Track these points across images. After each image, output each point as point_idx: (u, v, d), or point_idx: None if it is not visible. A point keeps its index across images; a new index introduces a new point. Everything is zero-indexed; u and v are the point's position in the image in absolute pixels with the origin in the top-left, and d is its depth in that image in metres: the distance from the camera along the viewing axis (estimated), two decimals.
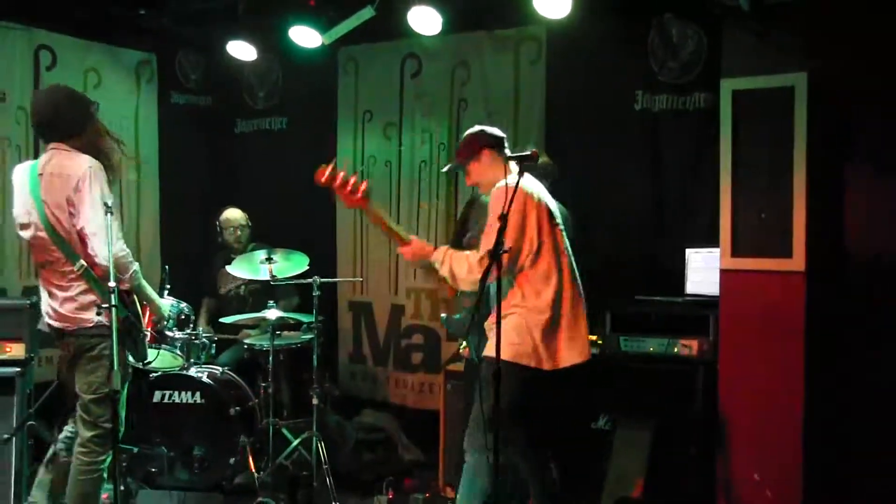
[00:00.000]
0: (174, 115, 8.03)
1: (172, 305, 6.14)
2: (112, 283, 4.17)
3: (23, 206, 4.54)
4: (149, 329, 5.09)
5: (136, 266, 4.59)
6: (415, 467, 6.55)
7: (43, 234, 4.48)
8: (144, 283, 4.70)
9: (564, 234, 4.63)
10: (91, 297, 4.50)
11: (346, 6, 6.28)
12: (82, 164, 4.46)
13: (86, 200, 4.43)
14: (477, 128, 4.79)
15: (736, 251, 5.24)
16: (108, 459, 4.61)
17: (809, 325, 5.03)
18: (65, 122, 4.55)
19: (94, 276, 4.47)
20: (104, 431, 4.54)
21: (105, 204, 4.43)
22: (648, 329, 5.51)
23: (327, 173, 4.49)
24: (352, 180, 4.54)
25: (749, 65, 5.17)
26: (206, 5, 6.96)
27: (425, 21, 6.20)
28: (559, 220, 4.63)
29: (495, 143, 4.69)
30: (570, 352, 4.51)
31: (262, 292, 6.56)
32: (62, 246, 4.46)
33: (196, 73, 8.18)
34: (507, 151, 4.65)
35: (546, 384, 4.47)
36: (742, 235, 5.21)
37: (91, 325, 4.51)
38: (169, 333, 6.07)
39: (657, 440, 5.26)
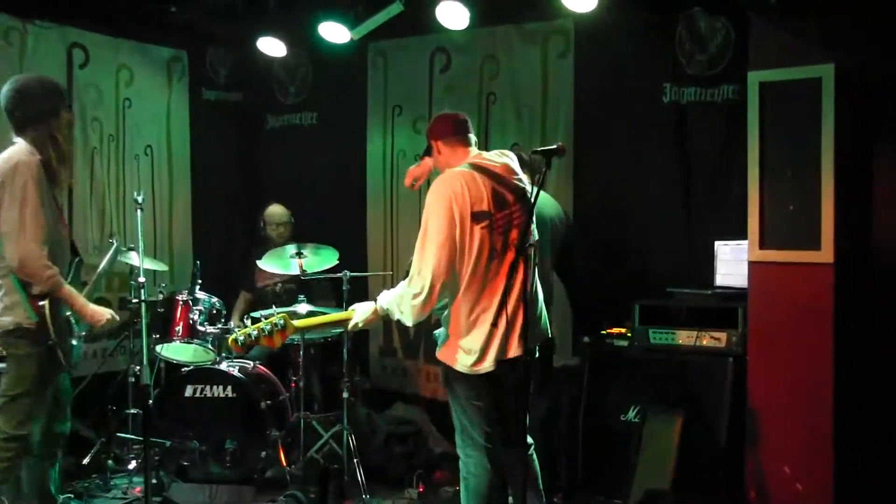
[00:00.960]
0: (205, 112, 8.09)
1: (204, 300, 6.22)
2: (142, 279, 4.22)
3: None
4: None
5: (50, 272, 4.36)
6: (445, 460, 6.55)
7: None
8: (69, 288, 4.48)
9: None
10: (15, 298, 4.37)
11: (375, 2, 6.31)
12: (10, 160, 4.34)
13: (5, 198, 4.29)
14: (434, 118, 4.64)
15: (764, 243, 5.20)
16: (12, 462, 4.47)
17: (838, 317, 4.99)
18: (26, 109, 4.43)
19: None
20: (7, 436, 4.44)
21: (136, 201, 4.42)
22: (677, 321, 5.50)
23: (240, 344, 4.18)
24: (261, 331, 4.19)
25: (776, 56, 5.13)
26: (235, 1, 7.02)
27: (453, 15, 6.22)
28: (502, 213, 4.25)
29: (443, 134, 4.44)
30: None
31: (298, 291, 6.58)
32: None
33: (226, 70, 8.24)
34: (471, 136, 4.43)
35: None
36: (770, 228, 5.17)
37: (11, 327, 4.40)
38: (201, 328, 6.15)
39: (686, 432, 5.24)
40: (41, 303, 4.31)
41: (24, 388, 4.40)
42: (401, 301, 4.15)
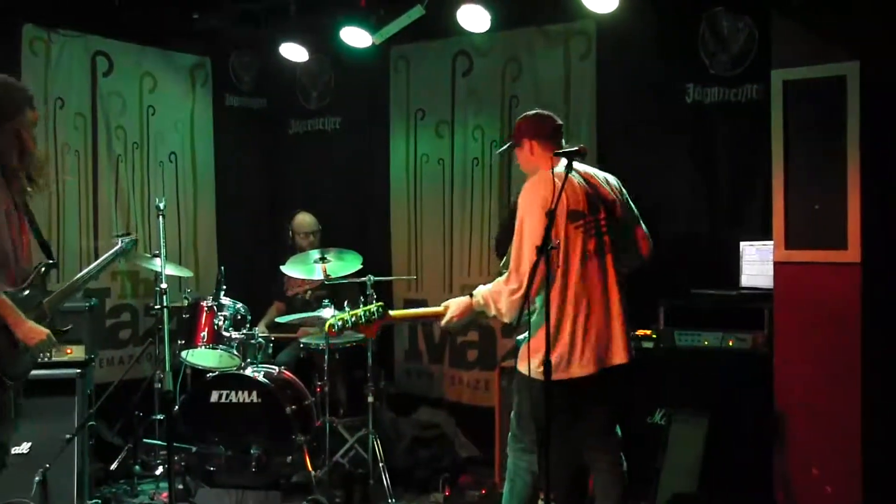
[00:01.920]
0: (228, 118, 8.13)
1: (228, 306, 6.23)
2: (164, 285, 4.23)
3: None
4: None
5: None
6: (470, 464, 6.56)
7: None
8: (4, 300, 3.95)
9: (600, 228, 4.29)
10: None
11: (396, 6, 6.31)
12: None
13: None
14: (530, 113, 4.59)
15: (790, 243, 5.17)
16: None
17: (866, 317, 4.94)
18: None
19: None
20: None
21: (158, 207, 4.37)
22: (703, 323, 5.47)
23: (335, 329, 4.25)
24: (359, 318, 4.25)
25: (800, 55, 5.10)
26: (257, 6, 7.05)
27: (475, 18, 6.22)
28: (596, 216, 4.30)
29: (539, 134, 4.44)
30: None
31: (327, 297, 6.54)
32: None
33: (249, 76, 8.27)
34: (562, 141, 4.45)
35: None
36: (796, 227, 5.13)
37: None
38: (225, 334, 6.16)
39: (713, 434, 5.21)
40: None
41: None
42: (498, 297, 4.16)
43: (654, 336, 5.61)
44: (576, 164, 4.27)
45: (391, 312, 4.29)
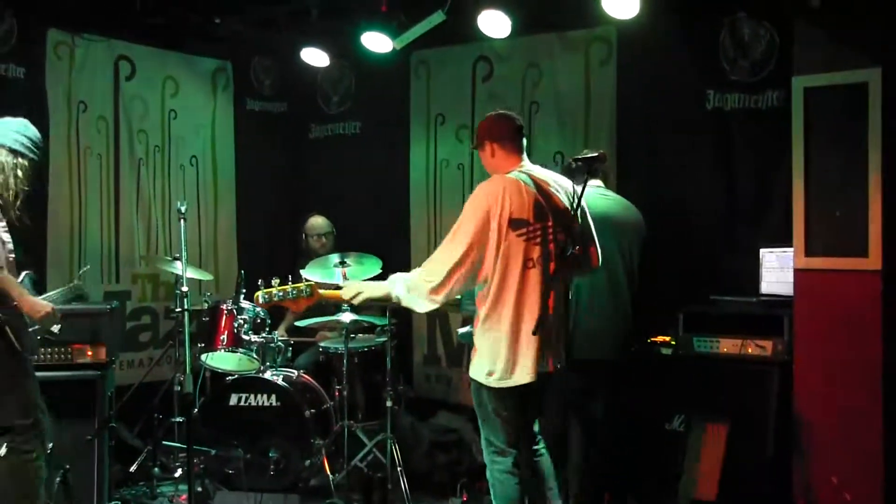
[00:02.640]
0: (249, 122, 8.17)
1: (248, 309, 6.25)
2: (185, 288, 4.26)
3: None
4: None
5: None
6: None
7: None
8: (7, 276, 4.40)
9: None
10: None
11: (417, 11, 6.33)
12: None
13: None
14: (491, 114, 4.62)
15: (810, 251, 5.14)
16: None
17: (887, 325, 4.92)
18: None
19: None
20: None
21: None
22: (722, 329, 5.44)
23: (261, 301, 4.46)
24: (287, 293, 4.49)
25: (821, 61, 5.08)
26: (279, 11, 7.09)
27: (495, 24, 6.22)
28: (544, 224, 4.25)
29: (498, 136, 4.44)
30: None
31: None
32: None
33: (270, 80, 8.31)
34: (523, 142, 4.48)
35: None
36: (816, 235, 5.11)
37: None
38: (245, 337, 6.18)
39: (732, 442, 5.19)
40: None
41: (35, 415, 4.45)
42: (415, 286, 4.23)
43: (673, 342, 5.59)
44: (535, 170, 4.37)
45: (321, 292, 4.46)
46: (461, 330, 4.55)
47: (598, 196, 5.18)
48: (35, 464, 4.50)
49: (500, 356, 4.16)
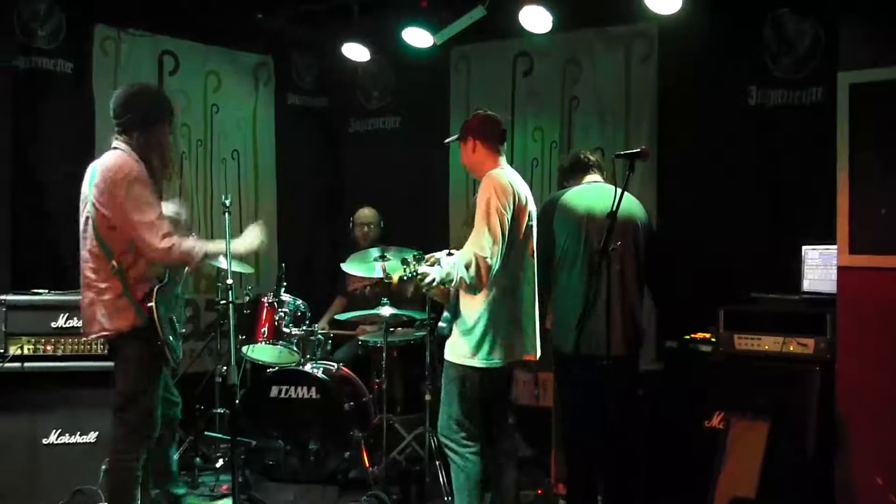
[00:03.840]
0: (290, 116, 8.22)
1: (288, 302, 6.30)
2: (230, 281, 4.30)
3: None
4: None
5: (184, 248, 4.45)
6: (526, 463, 6.55)
7: None
8: (204, 245, 4.59)
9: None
10: (124, 302, 4.48)
11: (458, 6, 6.34)
12: (117, 166, 4.45)
13: (123, 204, 4.42)
14: (481, 112, 4.82)
15: (854, 248, 5.08)
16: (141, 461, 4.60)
17: None
18: (136, 113, 4.57)
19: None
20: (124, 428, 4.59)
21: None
22: (763, 327, 5.39)
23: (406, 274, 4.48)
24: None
25: (867, 57, 5.01)
26: (320, 7, 7.13)
27: (536, 19, 6.23)
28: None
29: (484, 135, 4.68)
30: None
31: (385, 296, 6.58)
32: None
33: (311, 75, 8.35)
34: (503, 146, 4.72)
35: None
36: (860, 232, 5.04)
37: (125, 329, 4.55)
38: (285, 330, 6.23)
39: (772, 440, 5.16)
40: (149, 304, 4.43)
41: (141, 387, 4.53)
42: (470, 265, 4.32)
43: (714, 340, 5.56)
44: (508, 170, 4.62)
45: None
46: (441, 323, 4.63)
47: (588, 190, 5.16)
48: (129, 464, 4.57)
49: (497, 338, 4.44)
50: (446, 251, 4.63)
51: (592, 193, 5.03)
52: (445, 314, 4.65)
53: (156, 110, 4.64)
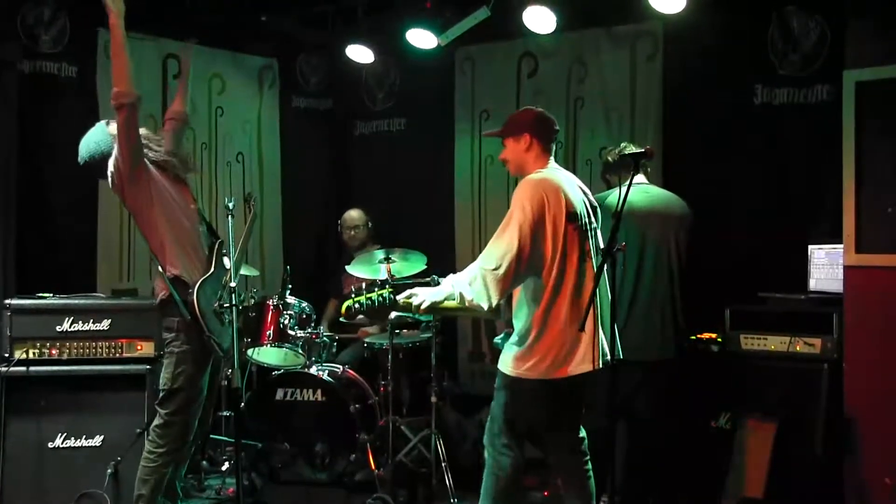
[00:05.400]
0: (295, 119, 8.21)
1: (294, 305, 6.29)
2: (233, 284, 4.30)
3: None
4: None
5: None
6: (533, 465, 6.51)
7: None
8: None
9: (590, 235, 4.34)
10: (168, 297, 4.68)
11: (462, 7, 6.33)
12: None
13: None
14: (537, 109, 4.61)
15: (860, 247, 5.07)
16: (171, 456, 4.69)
17: None
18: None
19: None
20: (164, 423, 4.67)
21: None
22: (770, 327, 5.39)
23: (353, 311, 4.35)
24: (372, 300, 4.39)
25: (874, 55, 5.00)
26: (325, 9, 7.12)
27: (540, 20, 6.21)
28: (585, 220, 4.33)
29: (542, 134, 4.45)
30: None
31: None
32: None
33: (316, 77, 8.34)
34: (553, 146, 4.49)
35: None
36: (867, 231, 5.03)
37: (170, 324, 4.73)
38: (291, 332, 6.23)
39: (780, 440, 5.14)
40: (190, 298, 4.53)
41: (179, 384, 4.60)
42: (474, 280, 4.10)
43: (720, 340, 5.55)
44: (565, 172, 4.42)
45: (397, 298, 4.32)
46: (497, 338, 4.51)
47: (639, 192, 5.14)
48: (157, 457, 4.65)
49: (552, 349, 4.15)
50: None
51: (653, 194, 5.09)
52: (504, 332, 4.45)
53: (99, 151, 4.78)
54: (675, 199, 5.38)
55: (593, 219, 4.38)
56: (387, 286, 4.32)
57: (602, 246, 4.28)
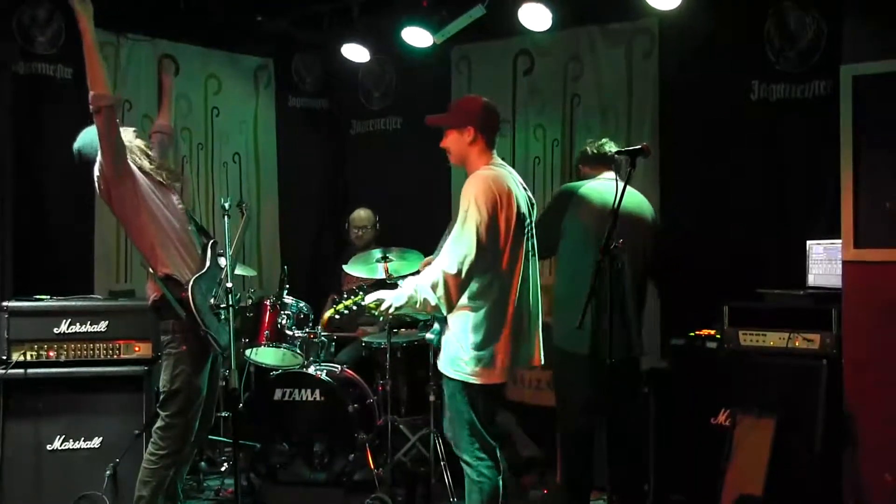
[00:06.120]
0: (291, 118, 8.22)
1: (291, 305, 6.29)
2: (230, 284, 4.30)
3: None
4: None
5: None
6: (532, 464, 6.53)
7: None
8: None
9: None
10: (163, 299, 4.63)
11: (458, 6, 6.32)
12: None
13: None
14: (483, 98, 4.51)
15: (859, 242, 5.05)
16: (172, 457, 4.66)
17: None
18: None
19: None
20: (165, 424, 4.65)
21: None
22: (768, 323, 5.36)
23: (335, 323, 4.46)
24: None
25: (870, 49, 4.98)
26: (320, 8, 7.12)
27: (536, 17, 6.22)
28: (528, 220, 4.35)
29: (487, 127, 4.34)
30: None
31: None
32: None
33: (312, 77, 8.34)
34: (497, 139, 4.41)
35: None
36: (865, 226, 5.01)
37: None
38: (288, 332, 6.22)
39: (779, 436, 5.13)
40: (184, 295, 4.49)
41: (178, 385, 4.58)
42: (437, 285, 4.09)
43: (719, 336, 5.53)
44: (508, 167, 4.38)
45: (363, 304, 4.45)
46: (430, 334, 4.47)
47: (610, 189, 5.10)
48: (158, 459, 4.63)
49: (500, 351, 4.20)
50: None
51: (608, 189, 4.96)
52: (435, 326, 4.42)
53: (94, 148, 4.69)
54: (645, 201, 5.34)
55: (532, 216, 4.43)
56: (360, 293, 4.36)
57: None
